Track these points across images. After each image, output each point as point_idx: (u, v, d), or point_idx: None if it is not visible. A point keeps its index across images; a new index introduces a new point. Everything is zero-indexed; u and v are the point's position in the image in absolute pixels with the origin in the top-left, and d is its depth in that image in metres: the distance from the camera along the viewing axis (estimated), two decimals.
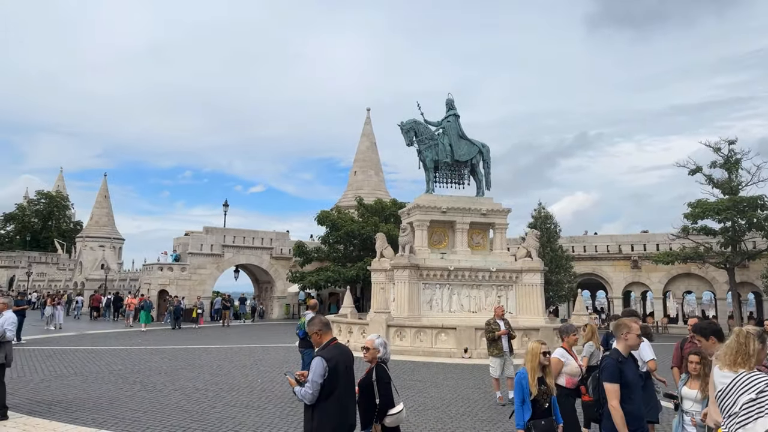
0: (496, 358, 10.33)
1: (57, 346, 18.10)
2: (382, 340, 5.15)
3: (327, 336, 4.64)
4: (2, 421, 7.96)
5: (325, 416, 4.34)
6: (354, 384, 4.71)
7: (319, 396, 4.34)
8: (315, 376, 4.33)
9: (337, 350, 4.55)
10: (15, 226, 71.45)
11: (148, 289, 33.02)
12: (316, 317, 4.96)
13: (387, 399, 4.85)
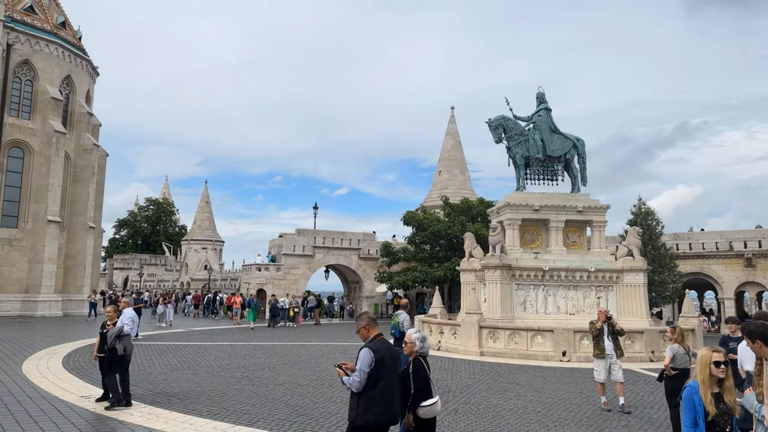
0: (599, 360, 9.81)
1: (169, 341, 19.52)
2: (420, 335, 5.33)
3: (374, 331, 4.95)
4: (128, 408, 8.69)
5: (370, 403, 4.63)
6: (396, 376, 4.92)
7: (365, 385, 4.64)
8: (363, 365, 4.64)
9: (383, 344, 4.85)
10: (128, 231, 78.13)
11: (247, 288, 34.79)
12: (364, 314, 5.29)
13: (421, 391, 5.02)
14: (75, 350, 15.54)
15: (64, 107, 33.14)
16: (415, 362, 5.15)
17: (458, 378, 12.82)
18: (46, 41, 32.13)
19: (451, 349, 17.59)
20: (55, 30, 33.09)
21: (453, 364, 15.17)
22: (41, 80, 31.63)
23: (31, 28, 31.56)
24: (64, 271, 32.41)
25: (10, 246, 29.92)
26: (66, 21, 35.21)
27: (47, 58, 32.16)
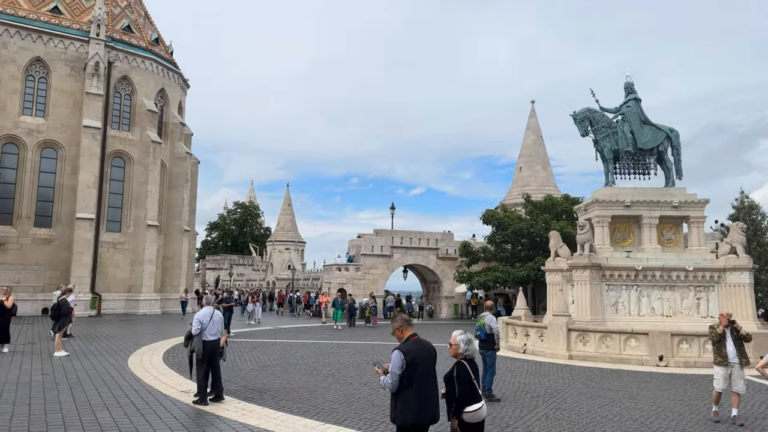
0: (720, 368, 8.96)
1: (259, 339, 20.34)
2: (465, 337, 5.23)
3: (408, 331, 5.02)
4: (220, 403, 9.07)
5: (406, 404, 4.72)
6: (434, 377, 4.92)
7: (399, 386, 4.73)
8: (394, 367, 4.75)
9: (416, 345, 4.91)
10: (218, 233, 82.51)
11: (328, 287, 35.61)
12: (399, 315, 5.30)
13: (465, 395, 4.95)
14: (173, 347, 16.54)
15: (159, 119, 35.48)
16: (458, 365, 5.08)
17: (547, 382, 12.37)
18: (142, 57, 34.56)
19: (537, 353, 17.03)
20: (149, 47, 35.53)
21: (540, 367, 14.67)
22: (139, 94, 34.07)
23: (128, 46, 34.07)
24: (162, 272, 34.69)
25: (115, 249, 32.44)
26: (159, 37, 37.69)
27: (143, 73, 34.59)
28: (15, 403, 8.75)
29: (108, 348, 16.02)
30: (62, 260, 30.29)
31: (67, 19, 32.74)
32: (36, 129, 30.68)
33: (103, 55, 32.04)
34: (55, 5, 32.83)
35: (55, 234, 30.62)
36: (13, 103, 30.16)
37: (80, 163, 30.81)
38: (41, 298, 28.81)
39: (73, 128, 31.29)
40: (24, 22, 30.88)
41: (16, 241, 29.58)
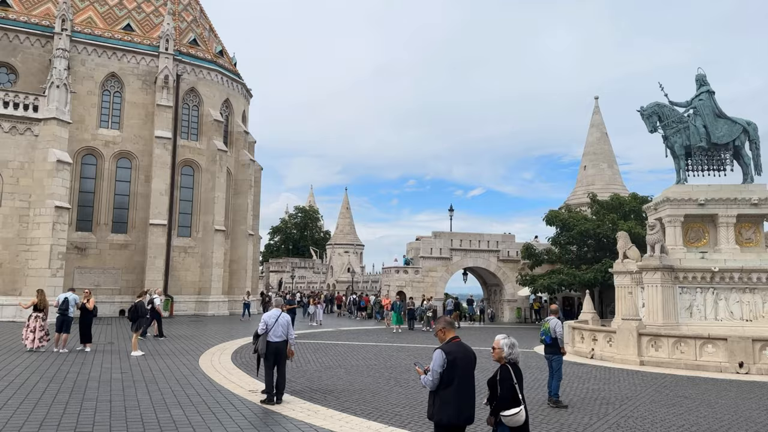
0: None
1: (321, 340, 20.71)
2: (509, 341, 5.28)
3: (450, 333, 5.24)
4: (282, 404, 9.25)
5: (444, 403, 4.93)
6: (472, 379, 5.10)
7: (439, 384, 4.94)
8: (435, 366, 4.97)
9: (457, 347, 5.10)
10: (280, 237, 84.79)
11: (387, 290, 35.77)
12: (442, 318, 5.60)
13: (505, 399, 5.04)
14: (240, 347, 17.13)
15: (224, 128, 36.89)
16: (501, 369, 5.17)
17: (617, 389, 11.90)
18: (208, 69, 36.07)
19: (606, 358, 16.40)
20: (214, 59, 37.02)
21: (609, 373, 14.13)
22: (205, 105, 35.56)
23: (195, 59, 35.65)
24: (229, 275, 36.00)
25: (186, 253, 33.97)
26: (223, 49, 39.21)
27: (209, 84, 36.08)
28: (97, 399, 9.33)
29: (180, 348, 16.79)
30: (137, 264, 32.03)
31: (139, 35, 34.66)
32: (112, 140, 32.63)
33: (172, 68, 33.68)
34: (128, 23, 34.84)
35: (130, 239, 32.42)
36: (91, 116, 32.20)
37: (153, 172, 32.50)
38: (119, 300, 30.58)
39: (146, 139, 33.06)
40: (100, 41, 32.95)
41: (95, 247, 31.53)
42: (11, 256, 25.57)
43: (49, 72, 28.52)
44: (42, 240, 25.73)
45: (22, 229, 25.87)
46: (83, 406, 8.73)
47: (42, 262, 25.44)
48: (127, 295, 30.38)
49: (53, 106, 26.88)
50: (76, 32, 31.80)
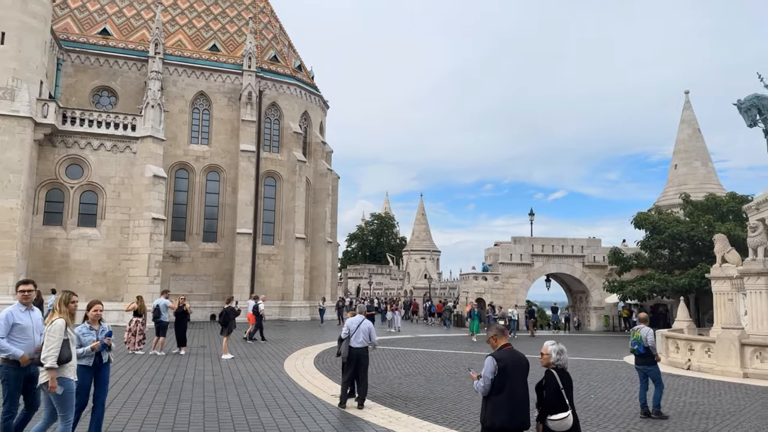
0: None
1: (400, 347, 20.80)
2: (557, 347, 5.34)
3: (501, 341, 5.41)
4: (363, 409, 9.35)
5: (496, 408, 5.07)
6: (525, 385, 5.20)
7: (491, 390, 5.11)
8: (486, 372, 5.15)
9: (508, 354, 5.27)
10: (357, 243, 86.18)
11: (466, 297, 35.32)
12: (494, 325, 5.73)
13: (550, 404, 5.13)
14: (323, 352, 17.54)
15: (303, 139, 38.15)
16: (547, 374, 5.28)
17: (717, 403, 11.04)
18: (288, 84, 37.48)
19: (704, 369, 15.26)
20: (293, 73, 38.43)
21: (708, 386, 13.13)
22: (285, 118, 36.96)
23: (276, 75, 37.18)
24: (310, 281, 37.06)
25: (269, 260, 35.37)
26: (301, 64, 40.62)
27: (289, 98, 37.48)
28: (192, 400, 9.89)
29: (266, 352, 17.46)
30: (226, 271, 33.74)
31: (224, 55, 36.66)
32: (202, 155, 34.66)
33: (255, 84, 35.32)
34: (214, 43, 36.96)
35: (219, 248, 34.22)
36: (183, 133, 34.38)
37: (238, 184, 34.17)
38: (209, 305, 32.29)
39: (232, 153, 34.83)
40: (189, 62, 35.17)
41: (188, 255, 33.56)
42: (114, 264, 27.75)
43: (145, 93, 30.80)
44: (141, 250, 27.74)
45: (123, 239, 28.04)
46: (179, 407, 9.28)
47: (141, 270, 27.41)
48: (217, 300, 32.02)
49: (149, 125, 28.99)
50: (167, 55, 34.14)
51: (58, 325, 5.74)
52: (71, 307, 6.01)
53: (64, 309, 5.93)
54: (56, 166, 27.51)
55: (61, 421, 5.75)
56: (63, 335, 5.72)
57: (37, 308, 6.18)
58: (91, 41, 33.63)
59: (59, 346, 5.64)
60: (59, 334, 5.69)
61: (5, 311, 5.95)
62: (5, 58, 25.26)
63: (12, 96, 25.20)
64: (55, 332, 5.69)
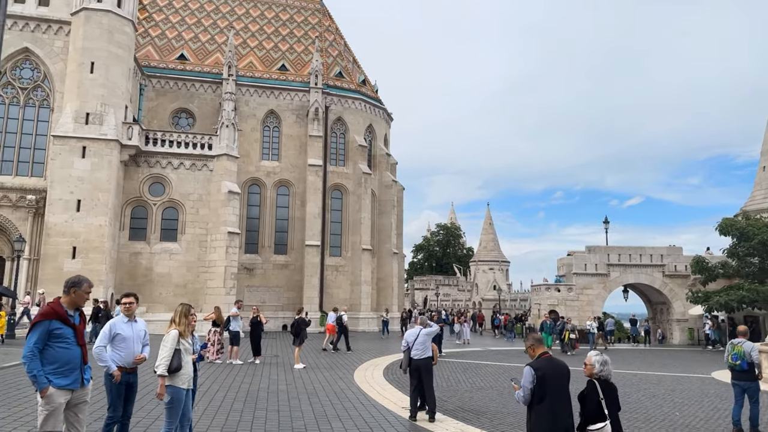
0: None
1: (469, 360, 20.43)
2: (601, 358, 5.40)
3: (539, 350, 5.48)
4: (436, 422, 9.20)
5: (538, 417, 5.15)
6: (566, 394, 5.26)
7: (532, 400, 5.19)
8: (525, 382, 5.26)
9: (547, 363, 5.32)
10: (423, 254, 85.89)
11: (538, 309, 34.29)
12: (531, 335, 5.83)
13: (591, 413, 5.19)
14: (391, 363, 17.52)
15: (368, 152, 38.69)
16: (589, 384, 5.36)
17: None
18: (353, 99, 38.23)
19: None
20: (358, 88, 39.14)
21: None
22: (351, 132, 37.66)
23: (341, 90, 38.03)
24: (377, 292, 37.30)
25: (337, 271, 35.97)
26: (366, 78, 41.31)
27: (354, 112, 38.20)
28: (267, 409, 10.15)
29: (336, 362, 17.68)
30: (296, 282, 34.60)
31: (292, 74, 37.92)
32: (272, 171, 35.89)
33: (321, 101, 36.27)
34: (282, 63, 38.33)
35: (290, 260, 35.18)
36: (255, 150, 35.76)
37: (307, 197, 35.08)
38: (281, 315, 33.18)
39: (300, 167, 35.84)
40: (260, 82, 36.64)
41: (261, 267, 34.71)
42: (194, 276, 29.14)
43: (220, 114, 32.35)
44: (218, 262, 29.01)
45: (201, 253, 29.43)
46: (255, 415, 9.55)
47: (218, 281, 28.65)
48: (288, 311, 32.84)
49: (224, 144, 30.39)
50: (240, 76, 35.73)
51: (171, 335, 6.12)
52: (190, 319, 6.40)
53: (183, 321, 6.33)
54: (140, 185, 29.36)
55: (165, 425, 6.14)
56: (175, 345, 6.08)
57: (140, 320, 6.56)
58: (170, 66, 35.79)
59: (170, 356, 6.01)
60: (171, 344, 6.06)
61: (110, 322, 6.43)
62: (94, 86, 27.34)
63: (100, 120, 27.20)
64: (168, 342, 6.07)
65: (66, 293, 5.27)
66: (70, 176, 26.49)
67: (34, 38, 28.79)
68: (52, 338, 5.01)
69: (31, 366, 4.91)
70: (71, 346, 5.12)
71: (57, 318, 5.08)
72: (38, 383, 4.89)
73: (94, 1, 27.81)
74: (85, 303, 5.51)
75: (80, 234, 26.16)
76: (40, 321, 5.06)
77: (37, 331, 4.98)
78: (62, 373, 5.02)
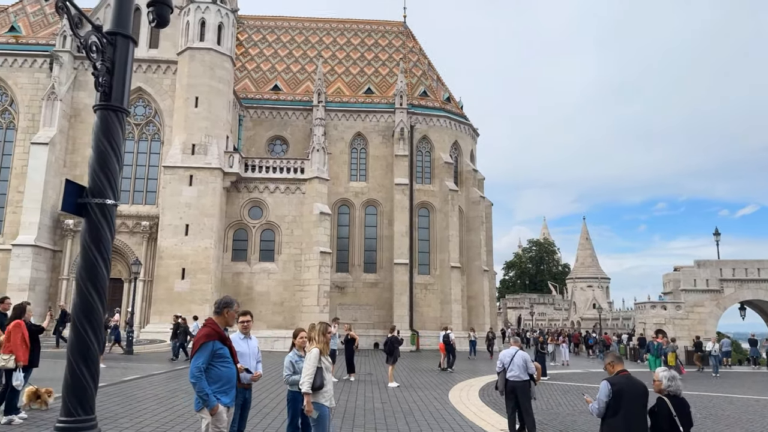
0: None
1: (569, 382, 19.50)
2: (669, 374, 5.42)
3: (618, 367, 5.69)
4: None
5: (611, 429, 5.38)
6: (642, 411, 5.37)
7: (606, 413, 5.40)
8: (601, 395, 5.46)
9: (624, 379, 5.51)
10: (515, 272, 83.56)
11: (643, 328, 32.13)
12: (610, 353, 6.18)
13: (661, 429, 5.23)
14: (486, 384, 17.10)
15: (454, 168, 38.55)
16: (658, 401, 5.37)
17: None
18: (437, 116, 38.41)
19: None
20: (442, 105, 39.29)
21: None
22: (436, 150, 37.77)
23: (425, 109, 38.36)
24: (468, 311, 36.72)
25: (426, 290, 35.89)
26: (450, 96, 41.39)
27: (439, 130, 38.32)
28: (365, 426, 10.28)
29: (430, 382, 17.56)
30: (386, 301, 34.92)
31: (378, 96, 38.83)
32: (360, 191, 36.75)
33: (406, 121, 36.79)
34: (368, 87, 39.38)
35: (379, 278, 35.63)
36: (344, 172, 36.84)
37: (394, 216, 35.49)
38: (372, 333, 33.56)
39: (387, 187, 36.40)
40: (347, 106, 37.86)
41: (351, 285, 35.44)
42: (290, 295, 30.32)
43: (311, 138, 33.74)
44: (311, 281, 30.02)
45: (296, 272, 30.61)
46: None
47: (312, 299, 29.60)
48: (378, 329, 33.18)
49: (315, 167, 31.62)
50: (329, 102, 37.15)
51: (313, 353, 6.42)
52: (327, 337, 6.69)
53: (321, 339, 6.60)
54: (240, 209, 31.19)
55: None
56: (317, 363, 6.35)
57: (253, 336, 6.89)
58: (265, 97, 37.96)
59: (313, 373, 6.29)
60: (314, 362, 6.34)
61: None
62: (199, 119, 29.57)
63: (205, 151, 29.30)
64: (310, 360, 6.38)
65: (218, 314, 5.52)
66: (179, 203, 28.70)
67: (146, 78, 31.75)
68: (215, 358, 5.27)
69: (200, 385, 5.16)
70: (230, 365, 5.40)
71: (219, 338, 5.34)
72: (209, 402, 5.14)
73: (197, 41, 30.24)
74: (234, 323, 5.78)
75: (188, 256, 28.17)
76: (205, 342, 5.28)
77: (204, 352, 5.23)
78: (224, 391, 5.29)
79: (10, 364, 8.64)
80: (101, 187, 4.16)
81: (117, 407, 10.77)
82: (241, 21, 39.41)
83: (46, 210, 29.24)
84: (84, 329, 3.98)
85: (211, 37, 30.39)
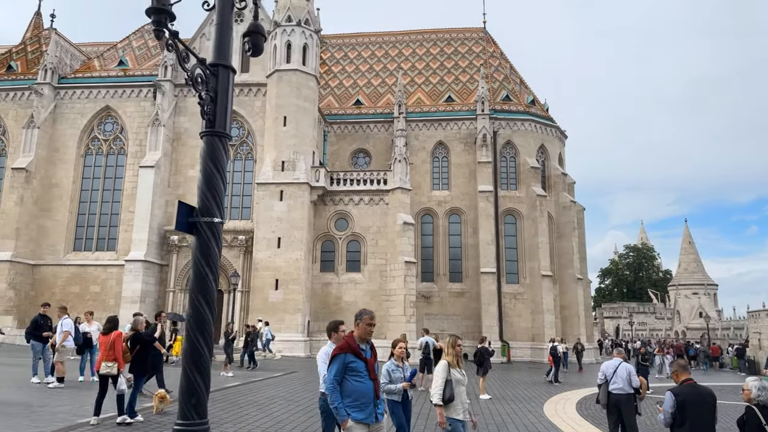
0: None
1: None
2: (759, 384, 5.33)
3: (683, 376, 5.75)
4: None
5: None
6: (709, 420, 5.39)
7: (672, 423, 5.46)
8: (666, 406, 5.57)
9: (690, 389, 5.57)
10: (611, 279, 79.30)
11: (758, 338, 29.37)
12: (676, 362, 6.10)
13: None
14: (584, 397, 16.38)
15: (541, 173, 37.38)
16: (747, 410, 5.30)
17: None
18: (521, 121, 37.53)
19: None
20: (526, 109, 38.35)
21: None
22: (521, 154, 36.88)
23: (508, 114, 37.63)
24: (561, 321, 35.31)
25: (515, 299, 34.97)
26: (534, 99, 40.34)
27: (523, 134, 37.41)
28: None
29: (523, 394, 17.08)
30: (473, 310, 34.42)
31: (458, 104, 38.66)
32: (443, 200, 36.64)
33: (489, 127, 36.29)
34: (449, 95, 39.33)
35: (465, 287, 35.22)
36: (426, 181, 36.93)
37: (479, 224, 34.97)
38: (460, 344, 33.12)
39: (470, 195, 36.01)
40: (428, 116, 38.00)
41: (437, 295, 35.29)
42: (376, 304, 30.70)
43: (392, 150, 34.19)
44: (397, 291, 30.27)
45: (382, 282, 31.01)
46: None
47: (399, 309, 29.82)
48: (467, 339, 32.52)
49: (397, 178, 31.99)
50: (409, 113, 37.51)
51: (442, 365, 6.59)
52: (457, 349, 6.85)
53: (451, 351, 6.79)
54: (327, 221, 32.16)
55: None
56: (446, 375, 6.46)
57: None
58: (348, 112, 39.01)
59: (443, 385, 6.39)
60: (443, 375, 6.47)
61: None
62: (287, 137, 30.93)
63: (293, 167, 30.57)
64: (439, 372, 6.53)
65: (356, 326, 5.59)
66: (271, 217, 30.11)
67: (238, 101, 33.69)
68: (348, 372, 5.29)
69: (333, 398, 5.19)
70: (365, 380, 5.30)
71: (351, 352, 5.32)
72: (339, 415, 5.21)
73: (284, 63, 31.72)
74: (370, 336, 5.61)
75: (281, 268, 29.41)
76: (337, 354, 5.37)
77: (335, 364, 5.32)
78: (358, 406, 5.24)
79: (113, 371, 9.46)
80: (209, 206, 4.50)
81: (221, 412, 11.44)
82: (324, 41, 40.84)
83: (153, 227, 31.73)
84: (196, 338, 4.31)
85: (296, 59, 31.76)
